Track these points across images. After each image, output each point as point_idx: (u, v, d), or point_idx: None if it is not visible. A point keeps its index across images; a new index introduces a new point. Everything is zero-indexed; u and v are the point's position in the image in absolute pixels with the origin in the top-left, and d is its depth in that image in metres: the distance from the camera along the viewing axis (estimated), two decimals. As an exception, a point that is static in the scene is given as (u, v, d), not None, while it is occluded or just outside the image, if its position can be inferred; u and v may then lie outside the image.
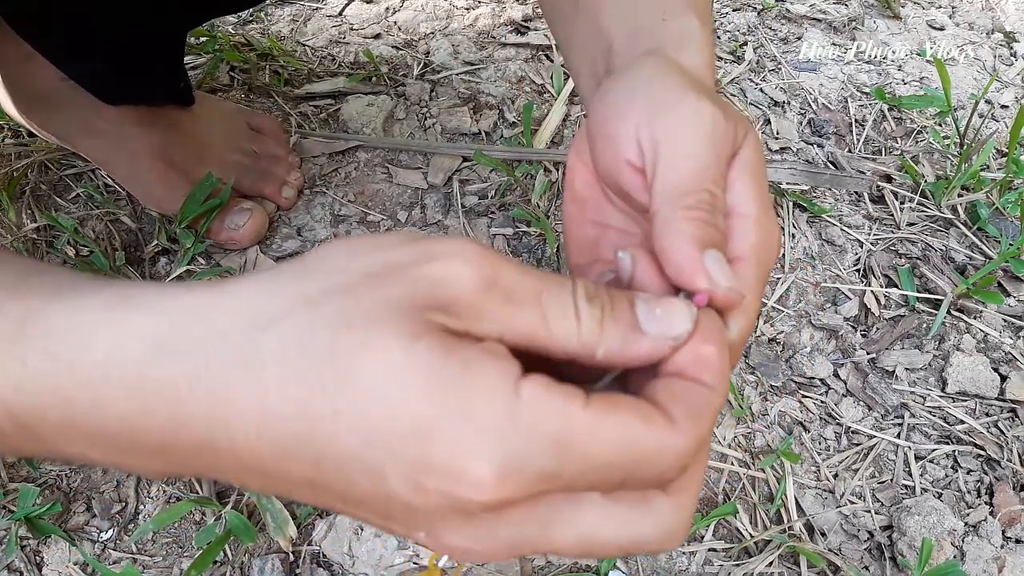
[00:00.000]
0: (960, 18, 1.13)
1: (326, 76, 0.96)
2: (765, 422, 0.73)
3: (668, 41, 0.39)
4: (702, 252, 0.29)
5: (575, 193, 0.38)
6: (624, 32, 0.40)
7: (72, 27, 0.63)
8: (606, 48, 0.41)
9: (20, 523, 0.63)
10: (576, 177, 0.38)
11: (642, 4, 0.41)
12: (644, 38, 0.39)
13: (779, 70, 1.02)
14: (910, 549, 0.65)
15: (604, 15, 0.42)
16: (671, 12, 0.40)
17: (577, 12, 0.44)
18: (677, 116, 0.32)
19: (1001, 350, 0.78)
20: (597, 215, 0.38)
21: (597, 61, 0.42)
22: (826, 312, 0.80)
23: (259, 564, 0.63)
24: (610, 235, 0.38)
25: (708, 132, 0.32)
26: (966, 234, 0.86)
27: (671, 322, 0.27)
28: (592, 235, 0.38)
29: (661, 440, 0.25)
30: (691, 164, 0.32)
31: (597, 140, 0.36)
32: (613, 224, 0.38)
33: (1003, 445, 0.72)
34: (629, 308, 0.27)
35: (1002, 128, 0.98)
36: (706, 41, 0.40)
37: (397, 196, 0.85)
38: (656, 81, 0.34)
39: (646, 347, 0.27)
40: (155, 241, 0.78)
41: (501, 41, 1.01)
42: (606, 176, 0.36)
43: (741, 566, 0.65)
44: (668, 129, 0.32)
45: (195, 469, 0.25)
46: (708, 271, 0.29)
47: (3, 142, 0.85)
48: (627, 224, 0.38)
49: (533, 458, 0.23)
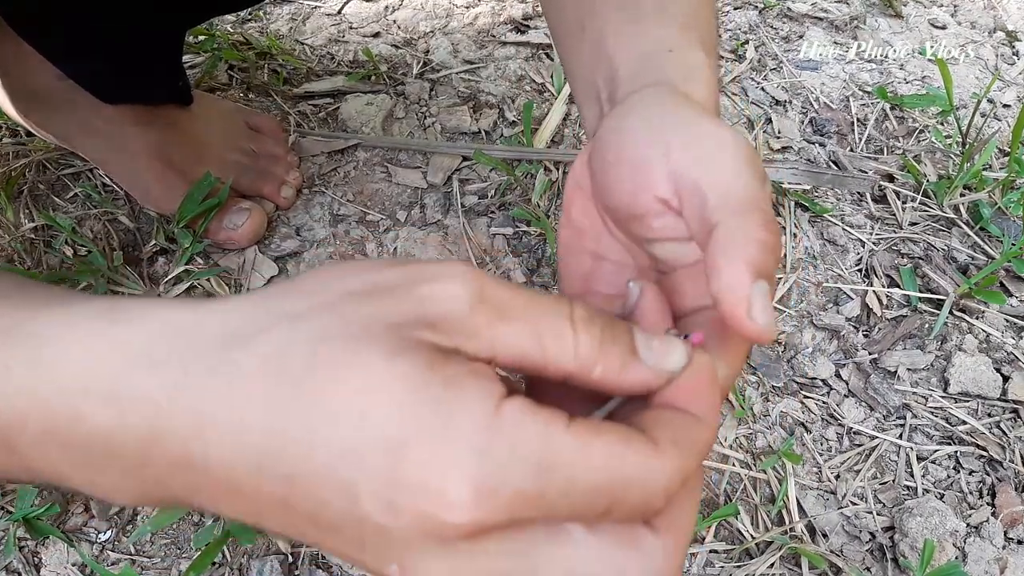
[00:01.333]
0: (962, 17, 1.13)
1: (325, 75, 0.95)
2: (766, 423, 0.73)
3: (675, 73, 0.38)
4: (753, 281, 0.28)
5: (572, 221, 0.38)
6: (630, 60, 0.40)
7: (71, 27, 0.63)
8: (611, 75, 0.40)
9: (18, 524, 0.63)
10: (574, 205, 0.37)
11: (649, 33, 0.40)
12: (650, 68, 0.39)
13: (780, 69, 1.02)
14: (912, 550, 0.65)
15: (610, 41, 0.41)
16: (678, 44, 0.40)
17: (583, 35, 0.43)
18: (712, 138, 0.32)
19: (1003, 350, 0.78)
20: (594, 245, 0.37)
21: (601, 88, 0.41)
22: (828, 312, 0.79)
23: (258, 565, 0.63)
24: (606, 267, 0.37)
25: (747, 155, 0.32)
26: (968, 234, 0.85)
27: (668, 356, 0.27)
28: (587, 266, 0.38)
29: (645, 463, 0.24)
30: (744, 180, 0.31)
31: (611, 171, 0.35)
32: (610, 256, 0.37)
33: (1005, 446, 0.72)
34: (627, 332, 0.27)
35: (1004, 127, 0.97)
36: (711, 75, 0.39)
37: (396, 195, 0.85)
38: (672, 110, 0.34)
39: (642, 375, 0.26)
40: (153, 241, 0.78)
41: (501, 40, 1.01)
42: (618, 206, 0.35)
43: (742, 567, 0.64)
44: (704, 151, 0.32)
45: (170, 491, 0.24)
46: (752, 304, 0.28)
47: (1, 141, 0.85)
48: (624, 257, 0.37)
49: (512, 477, 0.22)
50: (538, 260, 0.81)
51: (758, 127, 0.94)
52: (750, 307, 0.28)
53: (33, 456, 0.25)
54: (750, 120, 0.95)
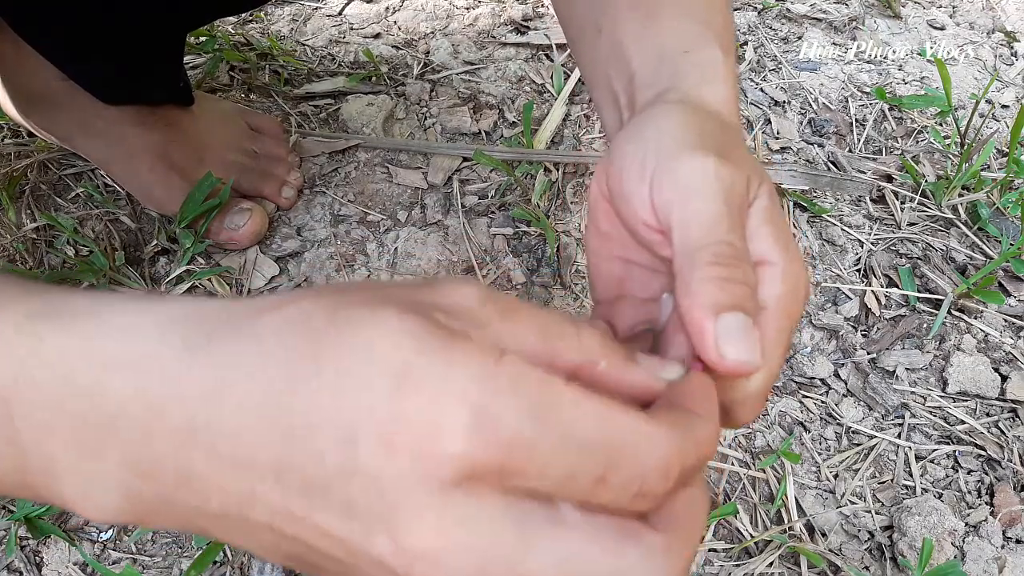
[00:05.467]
0: (960, 18, 1.13)
1: (326, 76, 0.96)
2: (765, 422, 0.73)
3: (691, 73, 0.38)
4: (715, 318, 0.29)
5: (599, 227, 0.38)
6: (647, 61, 0.40)
7: (72, 27, 0.63)
8: (628, 77, 0.41)
9: (20, 523, 0.63)
10: (599, 212, 0.38)
11: (666, 34, 0.40)
12: (667, 69, 0.39)
13: (779, 70, 1.02)
14: (910, 549, 0.65)
15: (627, 43, 0.41)
16: (695, 43, 0.40)
17: (600, 38, 0.43)
18: (681, 173, 0.33)
19: (1002, 350, 0.78)
20: (622, 251, 0.38)
21: (619, 93, 0.42)
22: (827, 312, 0.80)
23: (259, 564, 0.63)
24: (635, 272, 0.37)
25: (714, 186, 0.32)
26: (967, 234, 0.86)
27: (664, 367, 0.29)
28: (618, 271, 0.38)
29: (640, 429, 0.24)
30: (701, 218, 0.32)
31: (615, 195, 0.36)
32: (639, 261, 0.37)
33: (1004, 445, 0.72)
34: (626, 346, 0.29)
35: (1003, 128, 0.98)
36: (729, 73, 0.39)
37: (397, 196, 0.85)
38: (663, 138, 0.34)
39: (644, 375, 0.27)
40: (155, 241, 0.78)
41: (501, 41, 1.01)
42: (628, 229, 0.36)
43: (741, 566, 0.65)
44: (674, 187, 0.33)
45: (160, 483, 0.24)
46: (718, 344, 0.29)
47: (3, 142, 0.85)
48: (653, 263, 0.37)
49: (508, 415, 0.22)
50: (538, 260, 0.81)
51: (757, 128, 0.94)
52: (716, 344, 0.29)
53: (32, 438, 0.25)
54: (749, 121, 0.95)
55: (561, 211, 0.85)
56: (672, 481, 0.24)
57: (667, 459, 0.24)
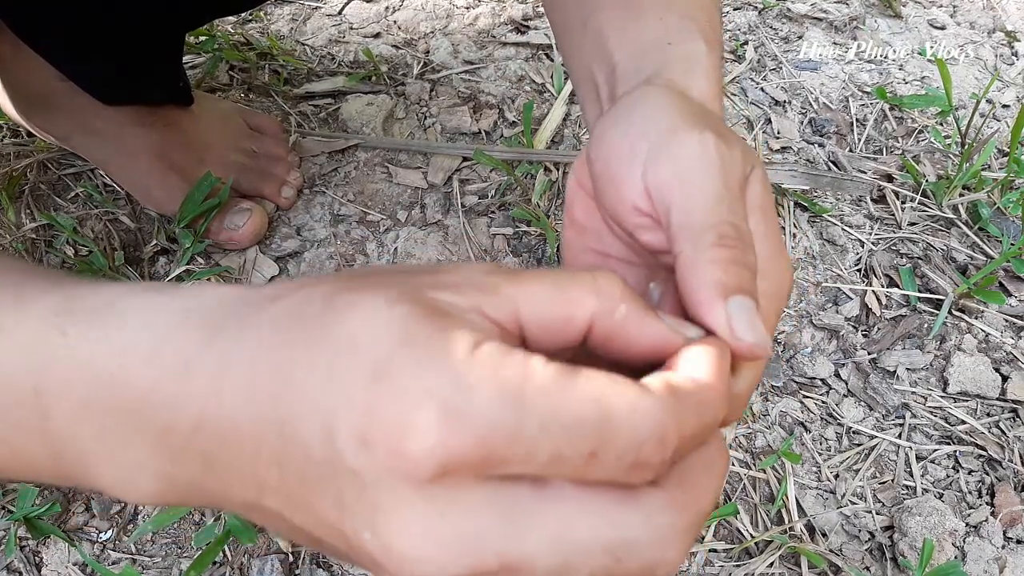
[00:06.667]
0: (961, 17, 1.13)
1: (325, 75, 0.96)
2: (766, 422, 0.73)
3: (674, 66, 0.38)
4: (726, 300, 0.28)
5: (575, 219, 0.37)
6: (630, 54, 0.40)
7: (71, 27, 0.63)
8: (611, 69, 0.40)
9: (19, 523, 0.63)
10: (576, 205, 0.37)
11: (649, 27, 0.40)
12: (649, 63, 0.38)
13: (780, 69, 1.02)
14: (911, 550, 0.65)
15: (610, 36, 0.41)
16: (678, 36, 0.39)
17: (585, 33, 0.43)
18: (680, 152, 0.31)
19: (1002, 350, 0.78)
20: (597, 244, 0.37)
21: (600, 85, 0.41)
22: (827, 312, 0.80)
23: (258, 565, 0.63)
24: (611, 265, 0.37)
25: (715, 163, 0.31)
26: (967, 234, 0.85)
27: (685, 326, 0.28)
28: (592, 265, 0.37)
29: (632, 400, 0.22)
30: (704, 197, 0.30)
31: (599, 181, 0.35)
32: (614, 254, 0.37)
33: (1004, 445, 0.72)
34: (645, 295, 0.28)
35: (1003, 128, 0.98)
36: (713, 66, 0.38)
37: (397, 196, 0.85)
38: (653, 117, 0.33)
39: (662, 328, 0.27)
40: (154, 241, 0.78)
41: (501, 40, 1.01)
42: (611, 216, 0.35)
43: (742, 567, 0.64)
44: (673, 166, 0.31)
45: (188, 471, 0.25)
46: (732, 325, 0.28)
47: (3, 142, 0.85)
48: (629, 255, 0.36)
49: (483, 404, 0.21)
50: (538, 260, 0.81)
51: (757, 127, 0.94)
52: (732, 332, 0.28)
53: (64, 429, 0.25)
54: (749, 121, 0.95)
55: (561, 211, 0.84)
56: (670, 449, 0.23)
57: (662, 427, 0.23)
